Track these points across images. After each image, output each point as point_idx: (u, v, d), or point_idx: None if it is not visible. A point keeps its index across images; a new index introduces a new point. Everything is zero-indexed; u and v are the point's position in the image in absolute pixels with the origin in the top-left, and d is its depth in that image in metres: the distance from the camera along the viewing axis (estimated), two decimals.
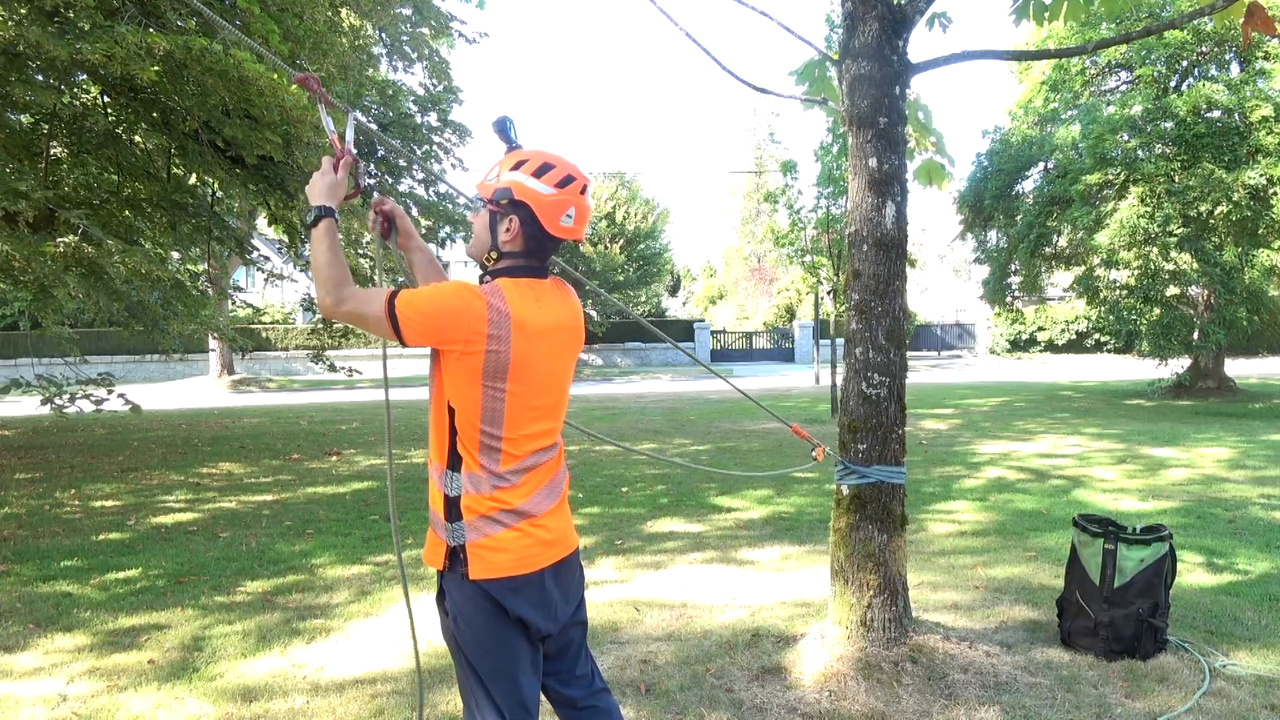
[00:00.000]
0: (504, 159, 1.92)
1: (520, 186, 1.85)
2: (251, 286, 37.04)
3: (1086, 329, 31.05)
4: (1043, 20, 3.90)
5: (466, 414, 1.80)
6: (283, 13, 7.42)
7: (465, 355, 1.77)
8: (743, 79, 3.88)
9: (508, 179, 1.86)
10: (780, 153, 26.19)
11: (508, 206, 1.86)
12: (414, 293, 1.78)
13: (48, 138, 8.50)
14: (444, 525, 1.83)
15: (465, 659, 1.85)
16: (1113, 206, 13.46)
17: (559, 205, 1.86)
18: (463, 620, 1.82)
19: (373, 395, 21.49)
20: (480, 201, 1.90)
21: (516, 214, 1.85)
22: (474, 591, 1.80)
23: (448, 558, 1.83)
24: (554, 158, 1.89)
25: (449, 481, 1.82)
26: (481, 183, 1.92)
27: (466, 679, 1.88)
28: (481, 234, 1.90)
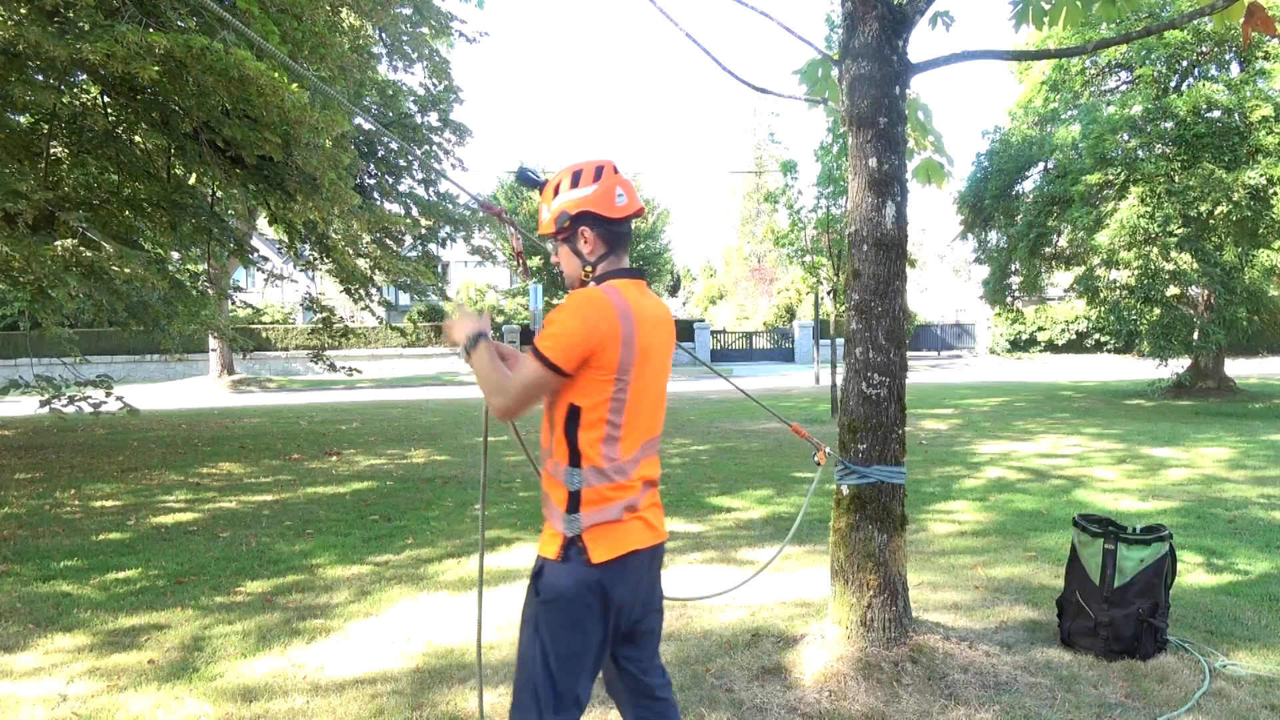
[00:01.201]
0: (542, 196, 2.13)
1: (570, 202, 2.02)
2: (251, 286, 37.05)
3: (1086, 329, 31.05)
4: (1042, 24, 3.91)
5: (595, 410, 1.92)
6: (282, 14, 7.42)
7: (603, 355, 1.89)
8: (743, 79, 3.88)
9: (557, 205, 2.05)
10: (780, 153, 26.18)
11: (572, 225, 2.03)
12: (551, 334, 1.88)
13: (48, 138, 8.50)
14: (563, 517, 1.94)
15: (542, 643, 1.94)
16: (1113, 206, 13.46)
17: (607, 193, 2.01)
18: (560, 602, 1.91)
19: (372, 395, 21.49)
20: (550, 241, 2.11)
21: (583, 224, 2.02)
22: (585, 575, 1.90)
23: (563, 548, 1.93)
24: (576, 165, 2.07)
25: (570, 477, 1.93)
26: (541, 229, 2.13)
27: (534, 664, 1.95)
28: (569, 261, 2.08)
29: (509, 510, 6.59)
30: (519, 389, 1.91)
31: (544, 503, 2.02)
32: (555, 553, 1.93)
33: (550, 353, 1.86)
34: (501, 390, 1.93)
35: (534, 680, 1.94)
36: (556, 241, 2.08)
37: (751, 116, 51.75)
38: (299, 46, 7.62)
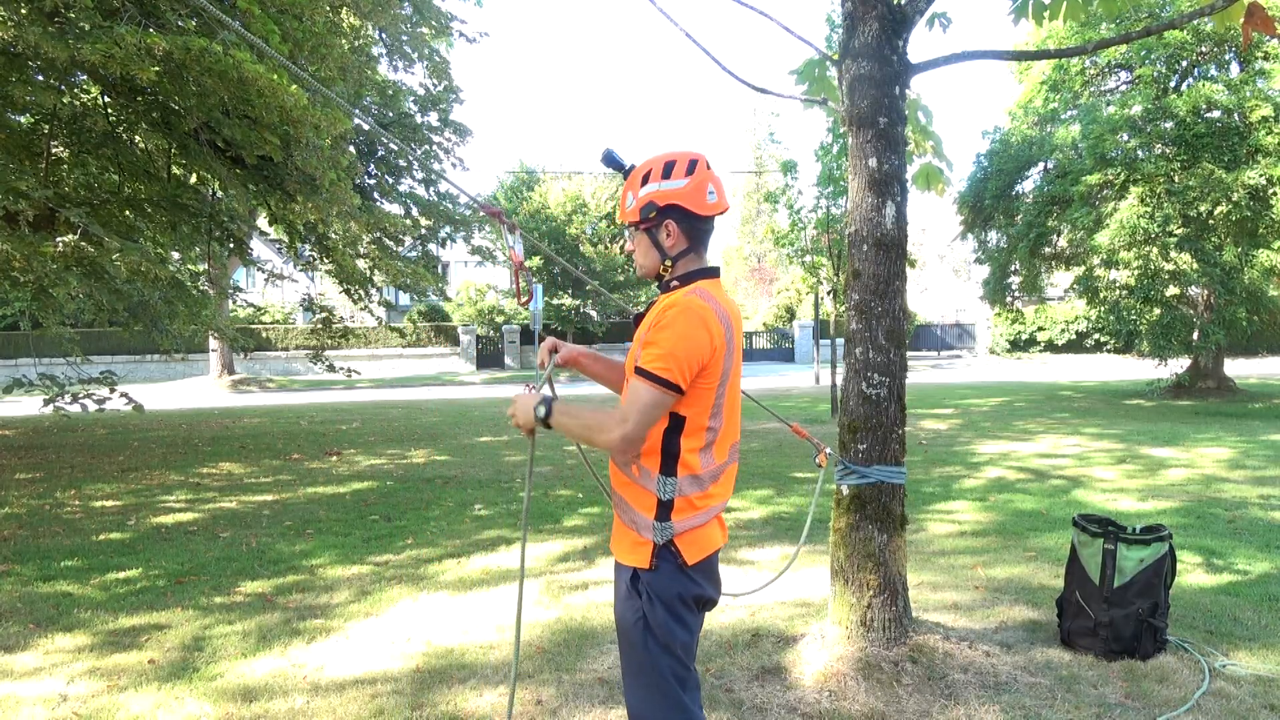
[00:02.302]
0: (628, 182, 2.03)
1: (660, 194, 1.95)
2: (251, 286, 37.05)
3: (1086, 329, 31.04)
4: (1042, 20, 3.91)
5: (698, 418, 1.90)
6: (282, 14, 7.43)
7: (713, 365, 1.88)
8: (743, 79, 3.88)
9: (645, 194, 1.96)
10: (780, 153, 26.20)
11: (658, 216, 1.95)
12: (663, 354, 1.82)
13: (48, 138, 8.51)
14: (652, 525, 1.92)
15: (658, 645, 1.93)
16: (1113, 206, 13.46)
17: (698, 189, 1.95)
18: (664, 607, 1.92)
19: (372, 395, 21.49)
20: (630, 228, 2.03)
21: (669, 218, 1.95)
22: (683, 578, 1.93)
23: (655, 555, 1.92)
24: (668, 155, 2.00)
25: (663, 485, 1.90)
26: (621, 214, 2.05)
27: (636, 665, 1.95)
28: (647, 253, 2.00)
29: (509, 510, 6.59)
30: (638, 416, 1.83)
31: (621, 508, 2.00)
32: (647, 561, 1.92)
33: (668, 374, 1.81)
34: (618, 422, 1.84)
35: (661, 675, 1.94)
36: (635, 230, 2.00)
37: (751, 116, 51.78)
38: (299, 46, 7.62)
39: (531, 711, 3.07)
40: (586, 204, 29.45)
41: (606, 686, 3.25)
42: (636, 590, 1.93)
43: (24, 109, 8.51)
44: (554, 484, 7.70)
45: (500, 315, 32.68)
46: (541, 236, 28.03)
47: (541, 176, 31.14)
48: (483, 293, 33.10)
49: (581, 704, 3.12)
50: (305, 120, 7.27)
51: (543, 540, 5.62)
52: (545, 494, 7.25)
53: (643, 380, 1.82)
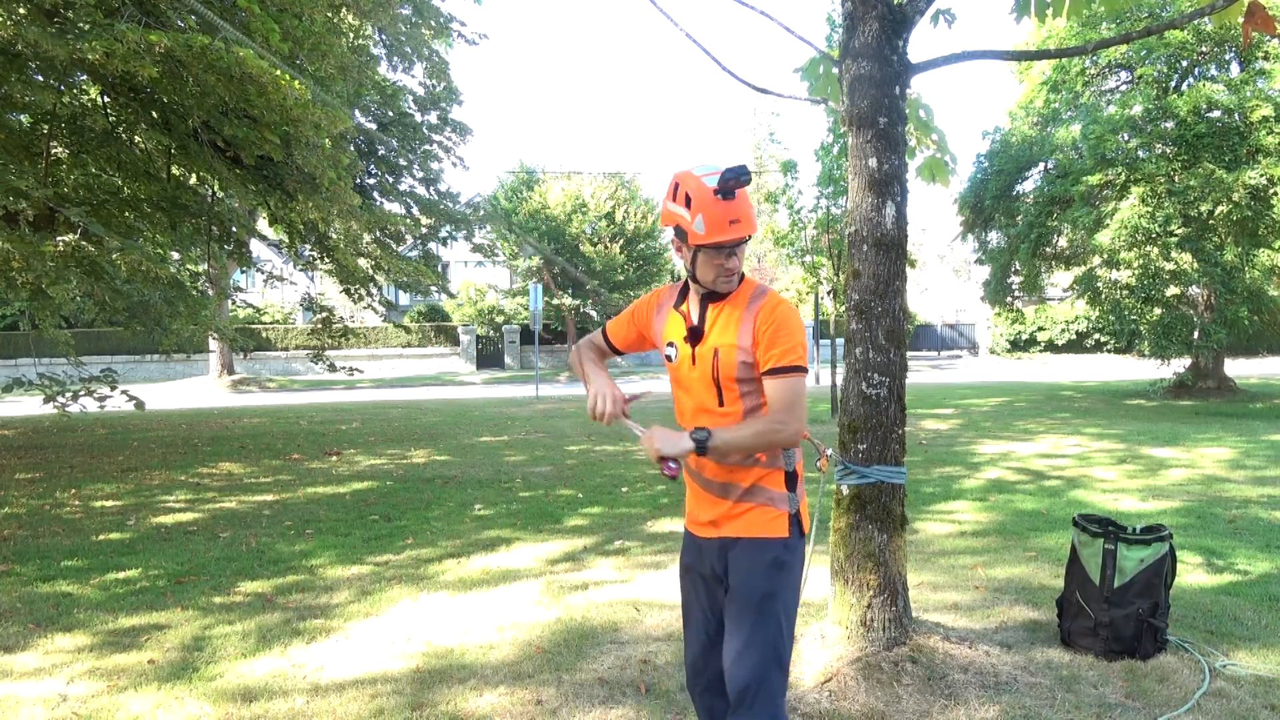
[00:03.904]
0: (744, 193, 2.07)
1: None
2: (251, 287, 37.05)
3: (1086, 329, 31.07)
4: (1044, 17, 3.90)
5: None
6: (282, 13, 7.42)
7: None
8: (743, 79, 3.88)
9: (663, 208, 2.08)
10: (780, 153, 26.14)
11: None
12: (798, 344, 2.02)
13: (48, 138, 8.50)
14: (785, 496, 2.10)
15: (785, 610, 2.07)
16: (1113, 206, 13.46)
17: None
18: (796, 574, 2.11)
19: (372, 395, 21.49)
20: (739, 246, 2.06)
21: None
22: (802, 545, 2.13)
23: (791, 524, 2.10)
24: (679, 175, 2.04)
25: (787, 457, 2.10)
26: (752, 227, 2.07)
27: (764, 637, 2.03)
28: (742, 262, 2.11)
29: (509, 510, 6.59)
30: (801, 407, 2.00)
31: (749, 494, 2.09)
32: (786, 529, 2.08)
33: (803, 361, 2.01)
34: (790, 420, 1.98)
35: (781, 645, 2.04)
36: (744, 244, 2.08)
37: (751, 116, 51.78)
38: (299, 45, 7.62)
39: (531, 711, 3.07)
40: (586, 204, 29.43)
41: (606, 686, 3.25)
42: (781, 561, 2.07)
43: (24, 109, 8.50)
44: (554, 484, 7.70)
45: (500, 315, 32.69)
46: (541, 236, 28.03)
47: (541, 176, 31.12)
48: (483, 293, 33.10)
49: (581, 704, 3.11)
50: (306, 119, 7.27)
51: (543, 540, 5.62)
52: (545, 494, 7.25)
53: (793, 375, 1.99)
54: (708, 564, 2.17)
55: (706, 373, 2.08)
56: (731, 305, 2.08)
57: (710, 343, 2.08)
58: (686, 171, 2.04)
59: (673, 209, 2.03)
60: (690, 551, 2.24)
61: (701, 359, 2.09)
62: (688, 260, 2.06)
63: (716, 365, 2.05)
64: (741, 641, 2.04)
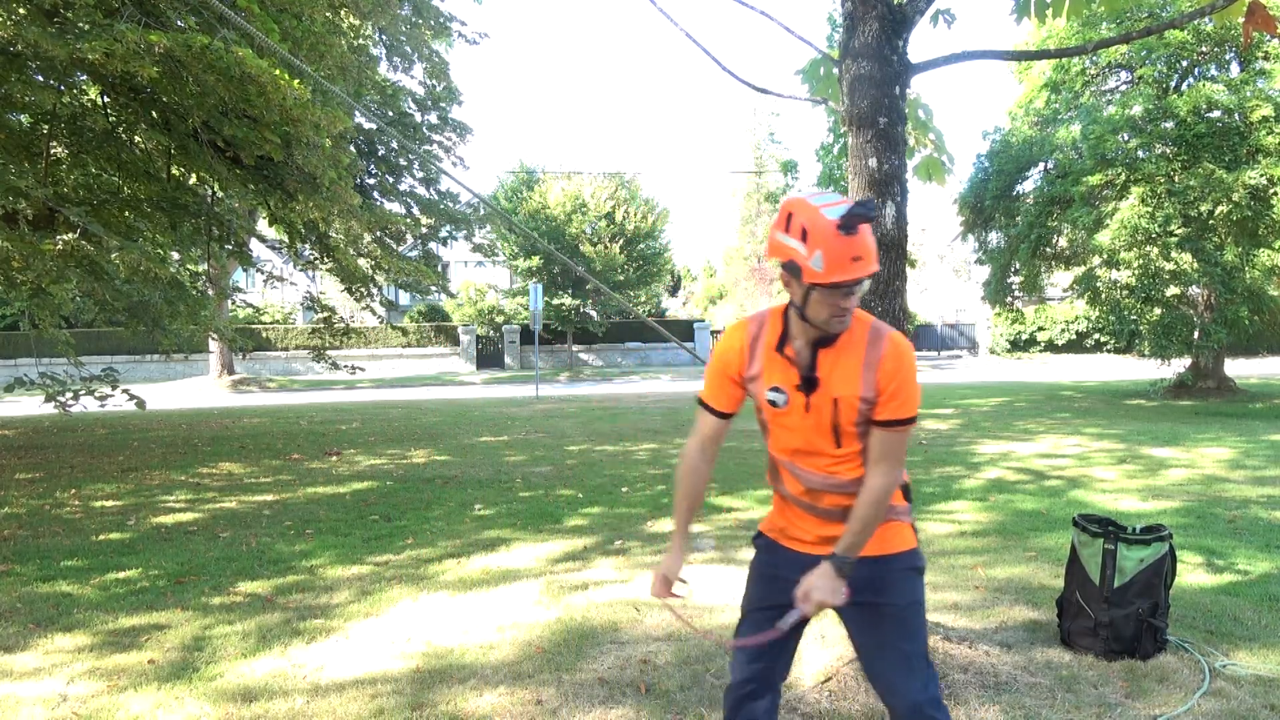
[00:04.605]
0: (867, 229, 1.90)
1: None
2: (251, 287, 37.07)
3: (1086, 329, 31.06)
4: (1044, 17, 3.90)
5: None
6: (282, 13, 7.43)
7: None
8: (743, 79, 3.88)
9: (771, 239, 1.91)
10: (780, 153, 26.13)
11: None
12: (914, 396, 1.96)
13: (48, 138, 8.51)
14: (906, 509, 2.13)
15: (922, 618, 2.11)
16: (1113, 206, 13.46)
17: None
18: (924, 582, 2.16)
19: (373, 395, 21.49)
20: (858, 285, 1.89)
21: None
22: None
23: (915, 533, 2.15)
24: (792, 202, 1.86)
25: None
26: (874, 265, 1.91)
27: (923, 641, 2.10)
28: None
29: (509, 510, 6.59)
30: (904, 458, 2.01)
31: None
32: (914, 540, 2.14)
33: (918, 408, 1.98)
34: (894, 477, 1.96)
35: (924, 652, 2.09)
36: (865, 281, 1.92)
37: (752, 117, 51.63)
38: (298, 45, 7.62)
39: (531, 711, 3.07)
40: (586, 204, 29.43)
41: (606, 686, 3.25)
42: (920, 568, 2.12)
43: (24, 109, 8.50)
44: (554, 484, 7.70)
45: (500, 315, 32.69)
46: (541, 236, 28.02)
47: (541, 176, 31.11)
48: (483, 293, 33.10)
49: (581, 704, 3.11)
50: (305, 119, 7.27)
51: (543, 540, 5.62)
52: (545, 494, 7.25)
53: (908, 428, 1.96)
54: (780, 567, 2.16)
55: (824, 422, 1.97)
56: (847, 351, 1.93)
57: (828, 392, 1.94)
58: (801, 199, 1.85)
59: (785, 241, 1.84)
60: (772, 561, 2.20)
61: (818, 409, 1.97)
62: (798, 297, 1.89)
63: (836, 415, 1.94)
64: (905, 653, 2.05)
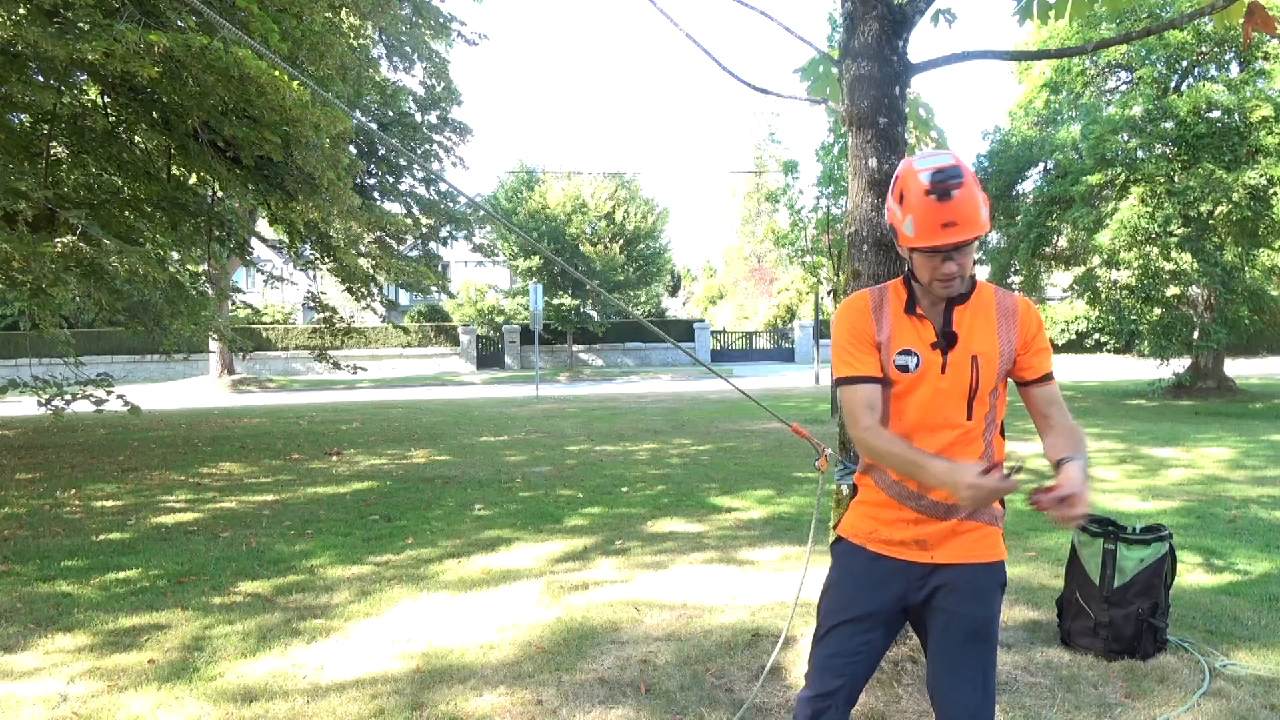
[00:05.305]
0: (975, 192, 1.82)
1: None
2: (251, 287, 37.07)
3: (1086, 329, 31.04)
4: (1046, 19, 3.90)
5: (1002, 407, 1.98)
6: (281, 13, 7.43)
7: None
8: (743, 79, 3.88)
9: (985, 198, 1.83)
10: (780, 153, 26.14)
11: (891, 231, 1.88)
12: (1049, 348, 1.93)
13: (48, 138, 8.50)
14: (1000, 515, 2.05)
15: (997, 636, 1.98)
16: (1113, 207, 13.46)
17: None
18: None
19: (373, 395, 21.49)
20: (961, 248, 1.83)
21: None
22: None
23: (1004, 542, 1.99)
24: (903, 163, 1.83)
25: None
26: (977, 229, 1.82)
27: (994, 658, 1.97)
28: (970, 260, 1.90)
29: (509, 510, 6.59)
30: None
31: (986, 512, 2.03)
32: (1004, 549, 2.01)
33: None
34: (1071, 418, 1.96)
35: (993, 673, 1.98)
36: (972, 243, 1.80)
37: (752, 117, 51.73)
38: (298, 45, 7.62)
39: (531, 711, 3.07)
40: (586, 204, 29.43)
41: (606, 686, 3.25)
42: (1005, 582, 1.99)
43: (24, 109, 8.51)
44: (554, 484, 7.70)
45: (500, 315, 32.69)
46: (541, 237, 28.02)
47: (541, 176, 31.11)
48: (483, 293, 33.09)
49: (581, 704, 3.11)
50: (305, 119, 7.28)
51: (543, 540, 5.62)
52: (545, 494, 7.25)
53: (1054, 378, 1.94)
54: (894, 589, 1.96)
55: (962, 383, 1.85)
56: (980, 310, 1.88)
57: (968, 348, 1.84)
58: (909, 160, 1.82)
59: (889, 205, 1.86)
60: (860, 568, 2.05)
61: (956, 368, 1.85)
62: (906, 260, 1.89)
63: (976, 374, 1.84)
64: (974, 670, 1.92)
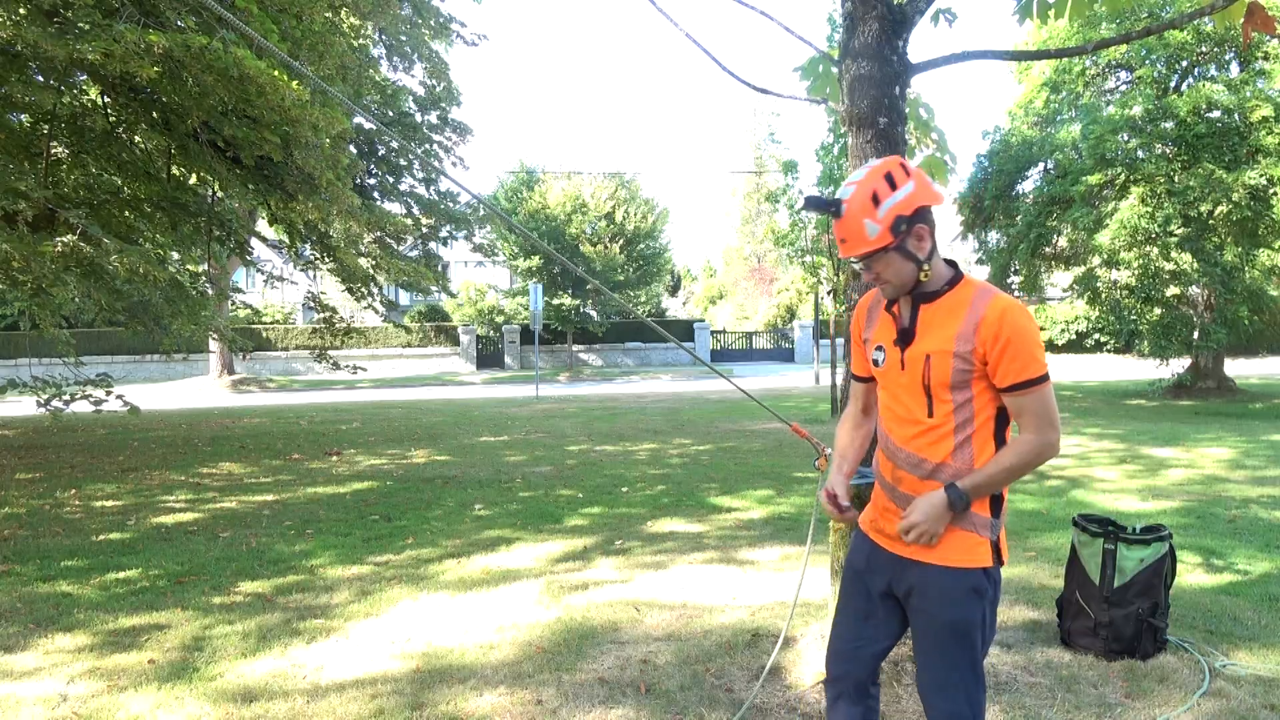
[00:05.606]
0: (853, 212, 1.92)
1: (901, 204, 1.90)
2: (251, 287, 37.07)
3: (1086, 329, 31.04)
4: (1046, 18, 3.90)
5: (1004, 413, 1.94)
6: (281, 13, 7.42)
7: None
8: (743, 79, 3.88)
9: (886, 213, 1.89)
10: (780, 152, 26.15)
11: (908, 227, 1.90)
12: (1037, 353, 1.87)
13: (48, 138, 8.50)
14: (989, 523, 1.95)
15: (980, 643, 1.96)
16: (1113, 206, 13.46)
17: (924, 182, 1.93)
18: (992, 607, 1.97)
19: (373, 395, 21.49)
20: (873, 256, 1.94)
21: (918, 223, 1.91)
22: (1000, 577, 1.99)
23: (994, 552, 1.96)
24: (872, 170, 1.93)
25: None
26: (869, 247, 1.92)
27: (969, 663, 1.96)
28: (900, 269, 1.93)
29: (509, 510, 6.59)
30: (1055, 418, 1.88)
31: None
32: (989, 559, 1.94)
33: (1045, 366, 1.87)
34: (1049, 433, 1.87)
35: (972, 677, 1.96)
36: (881, 254, 1.92)
37: (752, 117, 51.73)
38: (298, 45, 7.62)
39: (532, 711, 3.07)
40: (586, 204, 29.43)
41: (606, 686, 3.25)
42: (981, 588, 1.94)
43: (24, 109, 8.50)
44: (554, 484, 7.70)
45: (500, 315, 32.68)
46: (541, 236, 28.02)
47: (541, 176, 31.10)
48: (483, 293, 33.08)
49: (581, 704, 3.11)
50: (304, 119, 7.27)
51: (543, 540, 5.62)
52: (545, 494, 7.25)
53: (1039, 387, 1.85)
54: (883, 578, 2.06)
55: (916, 379, 1.94)
56: (950, 310, 1.93)
57: (922, 347, 1.93)
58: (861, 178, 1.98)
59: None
60: (860, 555, 2.15)
61: (911, 364, 1.94)
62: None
63: (928, 372, 1.91)
64: (942, 672, 1.96)
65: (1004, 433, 1.94)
